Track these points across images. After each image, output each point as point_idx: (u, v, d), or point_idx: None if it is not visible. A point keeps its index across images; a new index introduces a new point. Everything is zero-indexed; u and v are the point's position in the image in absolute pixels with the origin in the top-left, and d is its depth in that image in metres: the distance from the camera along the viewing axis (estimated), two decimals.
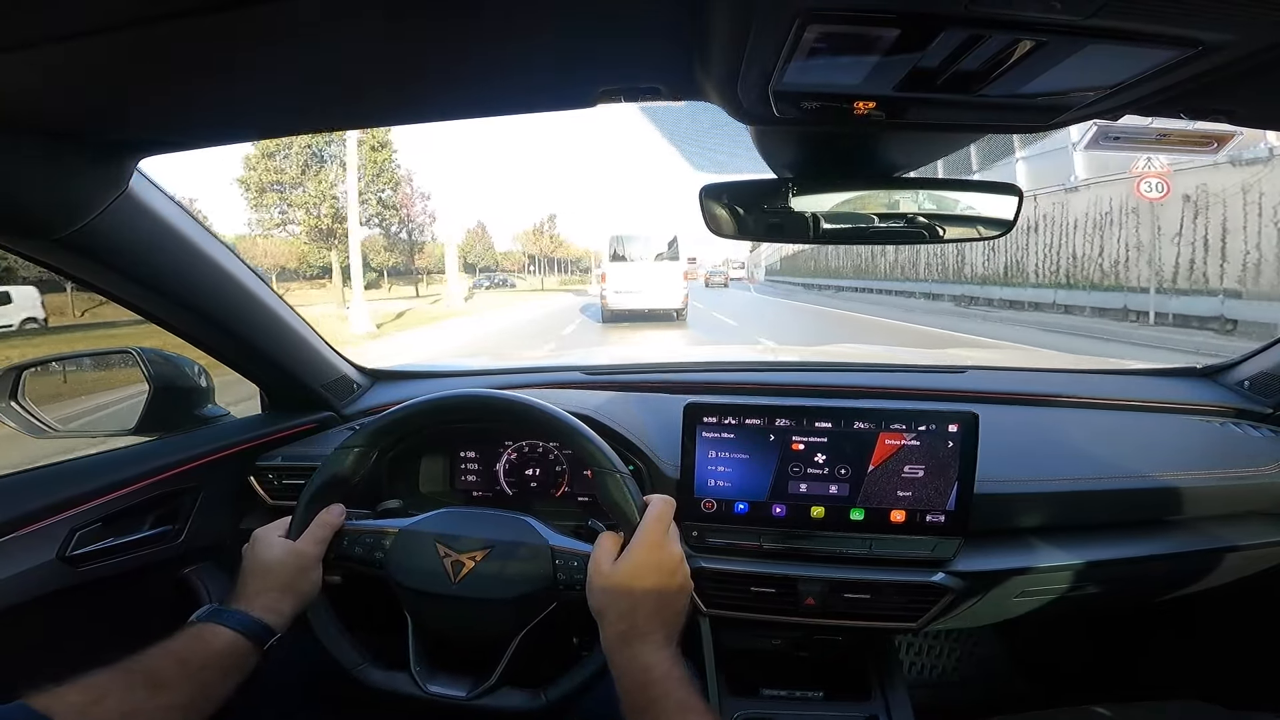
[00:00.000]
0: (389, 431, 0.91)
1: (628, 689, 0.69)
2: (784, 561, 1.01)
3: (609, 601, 0.74)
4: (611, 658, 0.72)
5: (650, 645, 0.70)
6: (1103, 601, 1.14)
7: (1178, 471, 1.07)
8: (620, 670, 0.70)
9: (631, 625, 0.72)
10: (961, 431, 0.95)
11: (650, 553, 0.76)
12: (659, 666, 0.69)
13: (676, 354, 1.75)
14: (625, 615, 0.73)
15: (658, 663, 0.69)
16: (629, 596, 0.73)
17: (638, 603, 0.73)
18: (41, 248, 0.81)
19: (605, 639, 0.73)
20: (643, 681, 0.68)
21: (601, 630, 0.74)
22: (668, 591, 0.75)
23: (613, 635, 0.72)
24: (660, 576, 0.75)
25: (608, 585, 0.75)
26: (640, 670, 0.69)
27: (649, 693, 0.67)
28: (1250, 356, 1.32)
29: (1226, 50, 0.49)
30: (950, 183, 0.88)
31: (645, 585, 0.74)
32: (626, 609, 0.73)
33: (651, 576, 0.75)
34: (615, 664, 0.71)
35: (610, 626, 0.73)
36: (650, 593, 0.74)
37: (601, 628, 0.74)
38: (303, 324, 1.21)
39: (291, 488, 1.14)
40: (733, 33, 0.51)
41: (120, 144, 0.75)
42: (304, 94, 0.69)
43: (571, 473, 1.22)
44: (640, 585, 0.74)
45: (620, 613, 0.73)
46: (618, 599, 0.74)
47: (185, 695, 0.67)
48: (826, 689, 1.07)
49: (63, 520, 0.91)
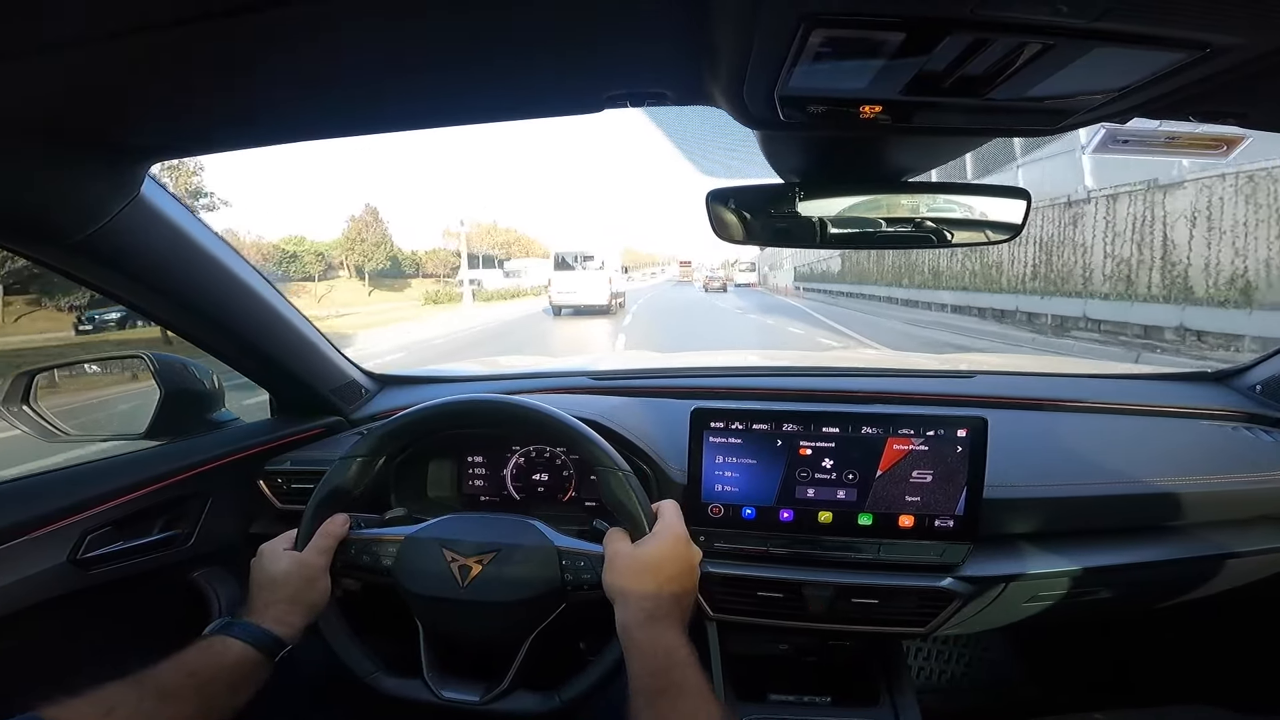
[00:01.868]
0: (392, 440, 0.92)
1: (649, 670, 0.68)
2: (791, 566, 1.01)
3: (633, 581, 0.75)
4: (633, 636, 0.72)
5: (674, 629, 0.71)
6: (1112, 606, 1.14)
7: (1189, 476, 1.06)
8: (641, 650, 0.70)
9: (657, 605, 0.72)
10: (970, 436, 0.94)
11: (676, 544, 0.78)
12: (680, 650, 0.69)
13: (684, 359, 1.74)
14: (651, 596, 0.73)
15: (679, 646, 0.69)
16: (655, 578, 0.74)
17: (663, 584, 0.74)
18: (54, 253, 0.82)
19: (627, 618, 0.73)
20: (665, 664, 0.68)
21: (623, 610, 0.74)
22: (686, 583, 0.77)
23: (637, 613, 0.72)
24: (681, 567, 0.77)
25: (634, 565, 0.75)
26: (664, 652, 0.69)
27: (671, 675, 0.67)
28: (1262, 361, 1.31)
29: (1236, 52, 0.49)
30: (958, 187, 0.88)
31: (670, 571, 0.75)
32: (653, 589, 0.73)
33: (675, 565, 0.76)
34: (636, 643, 0.71)
35: (634, 604, 0.73)
36: (674, 579, 0.75)
37: (623, 607, 0.74)
38: (311, 329, 1.22)
39: (300, 492, 1.15)
40: (738, 37, 0.51)
41: (132, 149, 0.76)
42: (313, 100, 0.70)
43: (579, 477, 1.22)
44: (667, 569, 0.75)
45: (646, 593, 0.73)
46: (644, 579, 0.74)
47: (195, 707, 0.68)
48: (834, 694, 1.07)
49: (74, 523, 0.92)
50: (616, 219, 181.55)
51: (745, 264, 49.92)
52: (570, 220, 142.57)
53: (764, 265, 46.61)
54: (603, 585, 0.78)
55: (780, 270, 39.38)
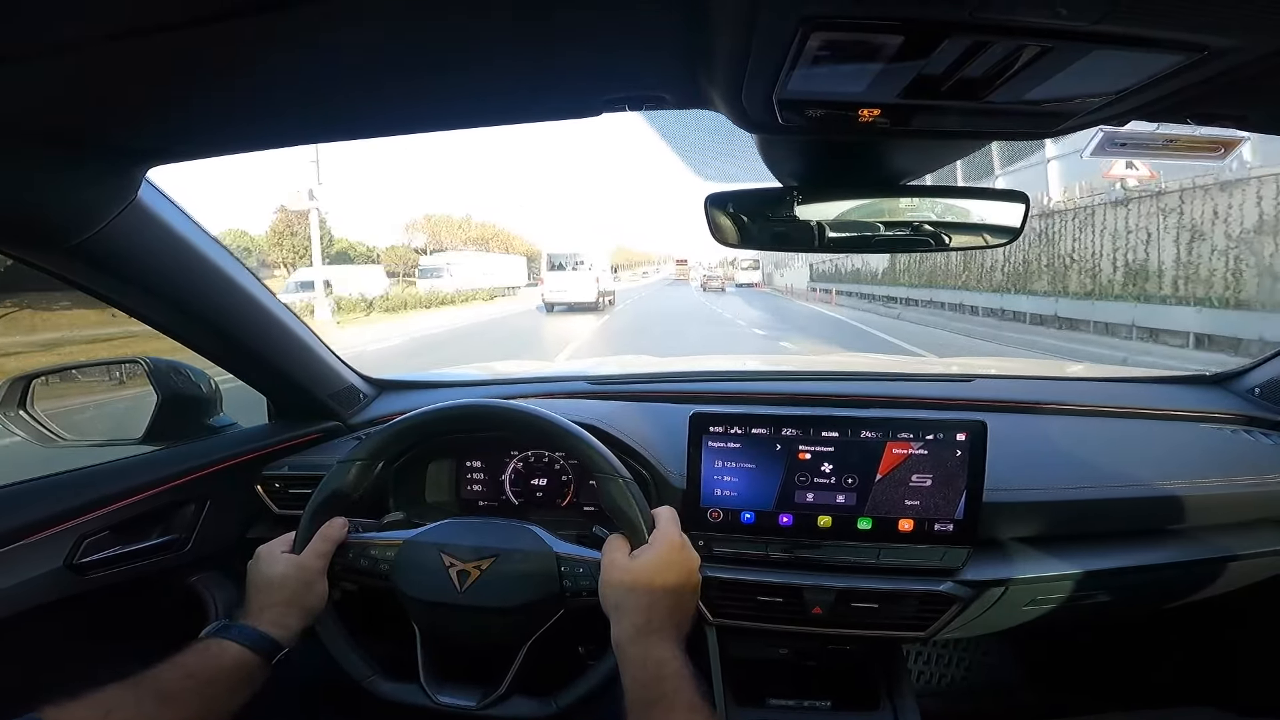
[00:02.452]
0: (390, 444, 0.92)
1: (640, 682, 0.69)
2: (791, 571, 1.01)
3: (627, 595, 0.74)
4: (625, 651, 0.72)
5: (667, 642, 0.71)
6: (1112, 610, 1.13)
7: (1188, 479, 1.06)
8: (633, 664, 0.70)
9: (648, 620, 0.72)
10: (970, 440, 0.94)
11: (671, 551, 0.77)
12: (672, 663, 0.69)
13: (683, 363, 1.74)
14: (643, 609, 0.73)
15: (671, 659, 0.69)
16: (649, 591, 0.74)
17: (657, 598, 0.73)
18: (51, 257, 0.82)
19: (619, 632, 0.73)
20: (656, 676, 0.68)
21: (616, 624, 0.74)
22: (685, 591, 0.76)
23: (629, 628, 0.72)
24: (679, 575, 0.76)
25: (626, 579, 0.75)
26: (655, 664, 0.69)
27: (661, 687, 0.67)
28: (1261, 363, 1.31)
29: (1233, 55, 0.49)
30: (956, 190, 0.88)
31: (665, 582, 0.75)
32: (646, 603, 0.73)
33: (672, 574, 0.75)
34: (629, 657, 0.71)
35: (626, 619, 0.73)
36: (670, 590, 0.74)
37: (616, 621, 0.74)
38: (309, 334, 1.22)
39: (298, 497, 1.14)
40: (737, 41, 0.51)
41: (129, 153, 0.76)
42: (311, 104, 0.70)
43: (578, 483, 1.22)
44: (660, 581, 0.74)
45: (639, 606, 0.73)
46: (637, 593, 0.74)
47: (193, 709, 0.68)
48: (834, 698, 1.06)
49: (71, 528, 0.92)
50: (607, 217, 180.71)
51: (748, 262, 44.52)
52: (557, 217, 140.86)
53: (768, 264, 42.29)
54: (599, 595, 0.78)
55: (790, 269, 35.02)
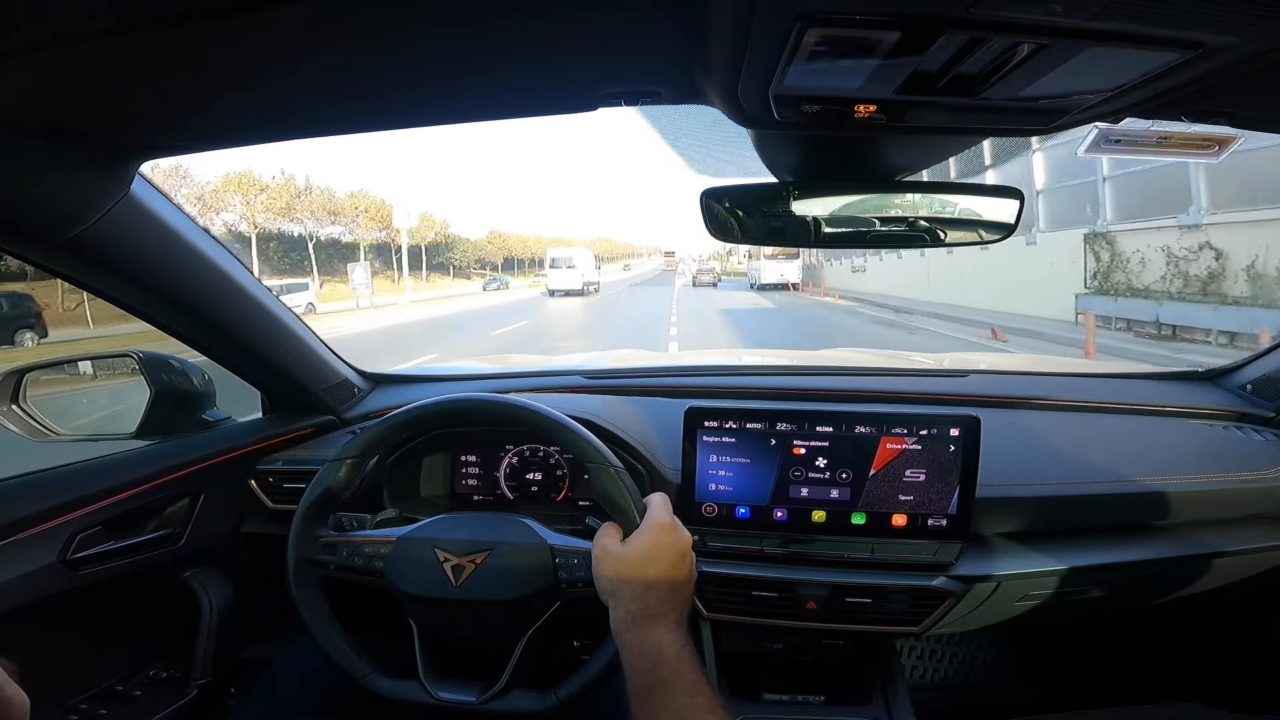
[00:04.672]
0: (384, 439, 0.91)
1: (638, 669, 0.68)
2: (785, 565, 1.01)
3: (621, 582, 0.74)
4: (623, 638, 0.71)
5: (663, 626, 0.70)
6: (1105, 605, 1.14)
7: (1180, 475, 1.07)
8: (631, 650, 0.70)
9: (645, 605, 0.72)
10: (963, 435, 0.94)
11: (663, 535, 0.76)
12: (670, 647, 0.68)
13: (676, 358, 1.74)
14: (639, 595, 0.72)
15: (669, 643, 0.69)
16: (643, 577, 0.73)
17: (651, 583, 0.73)
18: (43, 251, 0.82)
19: (616, 619, 0.73)
20: (654, 661, 0.68)
21: (613, 611, 0.74)
22: (679, 574, 0.76)
23: (625, 615, 0.72)
24: (673, 559, 0.75)
25: (619, 566, 0.75)
26: (652, 649, 0.68)
27: (659, 673, 0.67)
28: (1252, 360, 1.32)
29: (1228, 52, 0.49)
30: (951, 186, 0.88)
31: (659, 566, 0.74)
32: (641, 589, 0.73)
33: (665, 558, 0.75)
34: (626, 644, 0.71)
35: (623, 606, 0.72)
36: (664, 574, 0.74)
37: (613, 608, 0.74)
38: (304, 328, 1.21)
39: (292, 491, 1.14)
40: (733, 36, 0.51)
41: (122, 147, 0.75)
42: (304, 99, 0.69)
43: (572, 476, 1.22)
44: (654, 566, 0.74)
45: (634, 593, 0.73)
46: (631, 579, 0.74)
47: None
48: (828, 693, 1.07)
49: (64, 524, 0.91)
50: (591, 208, 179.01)
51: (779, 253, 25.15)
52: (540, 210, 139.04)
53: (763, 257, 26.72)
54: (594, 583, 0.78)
55: (788, 263, 25.07)
